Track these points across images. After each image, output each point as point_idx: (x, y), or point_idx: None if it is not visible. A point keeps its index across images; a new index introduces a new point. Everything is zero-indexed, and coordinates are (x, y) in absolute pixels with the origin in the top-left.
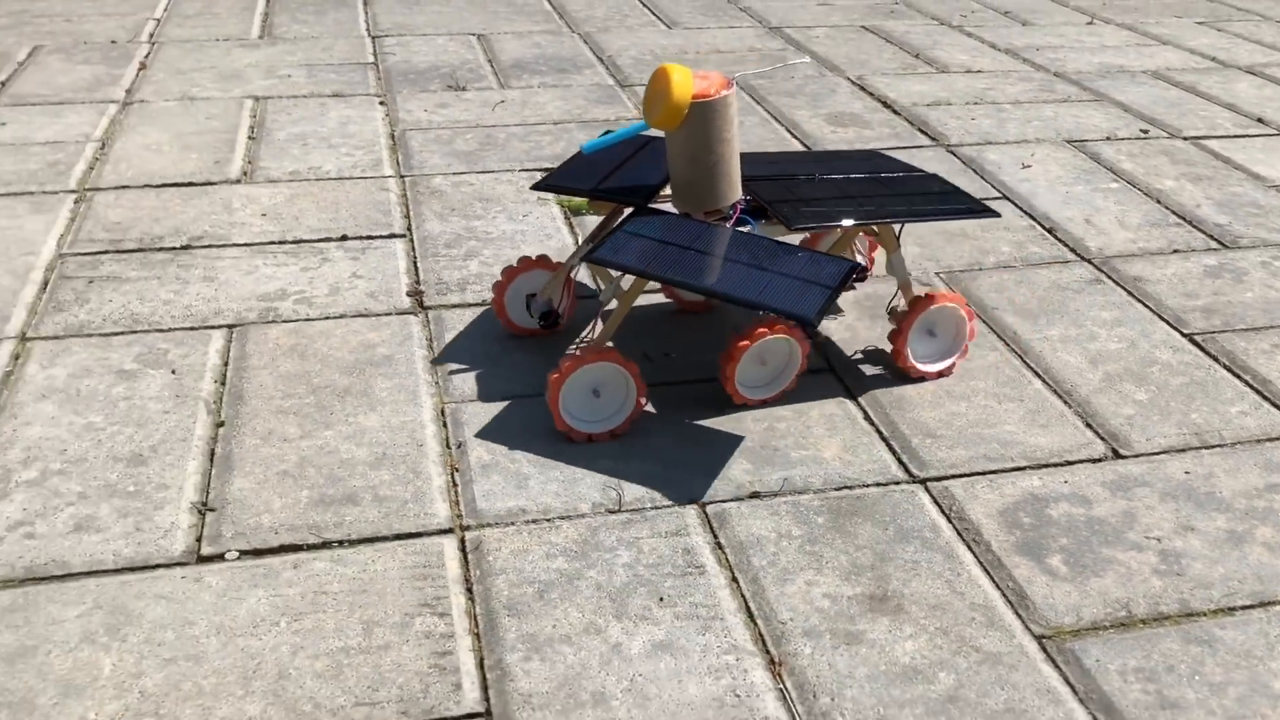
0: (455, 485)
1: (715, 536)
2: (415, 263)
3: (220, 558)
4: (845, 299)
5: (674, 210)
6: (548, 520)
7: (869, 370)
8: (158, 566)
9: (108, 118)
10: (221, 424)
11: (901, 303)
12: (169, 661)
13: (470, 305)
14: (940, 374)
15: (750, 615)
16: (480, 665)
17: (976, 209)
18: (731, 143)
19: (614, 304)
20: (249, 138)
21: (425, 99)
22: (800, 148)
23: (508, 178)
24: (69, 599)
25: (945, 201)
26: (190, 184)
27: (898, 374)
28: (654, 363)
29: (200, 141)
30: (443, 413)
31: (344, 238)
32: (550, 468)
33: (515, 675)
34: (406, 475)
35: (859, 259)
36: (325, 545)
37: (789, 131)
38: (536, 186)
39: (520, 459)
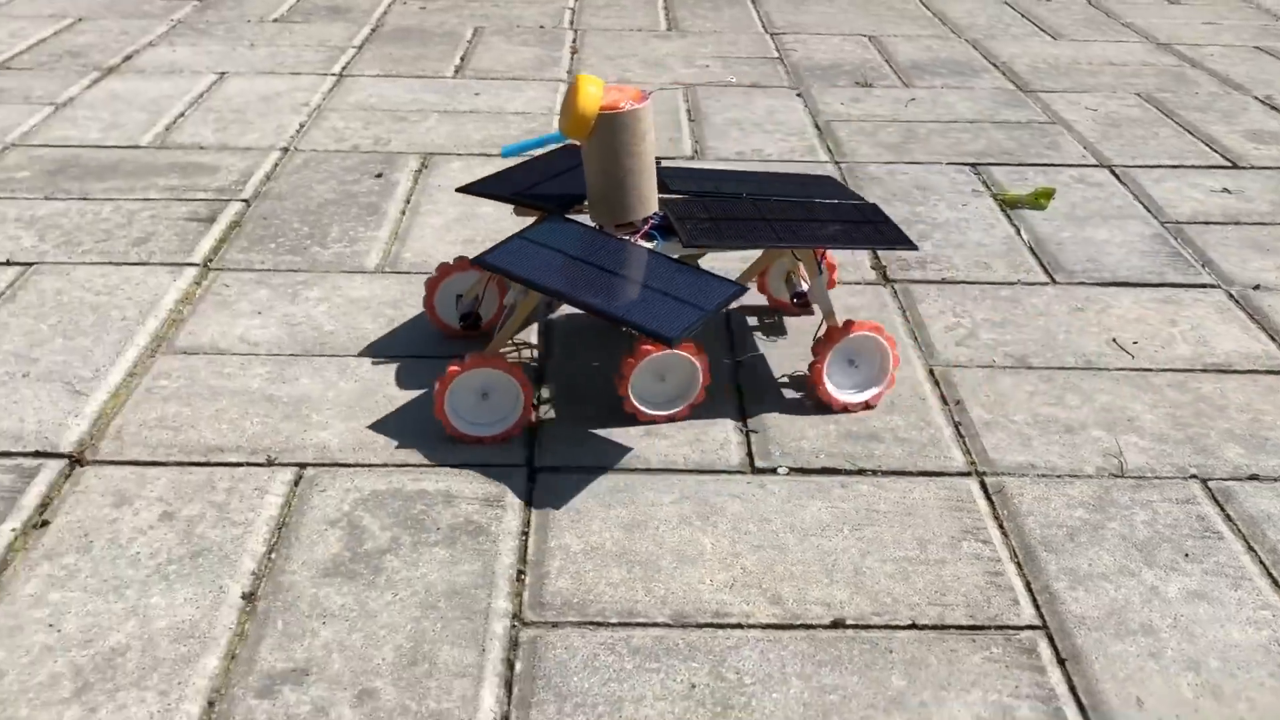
0: (962, 436)
1: (1223, 509)
2: None
3: (772, 471)
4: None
5: (589, 222)
6: (1057, 476)
7: None
8: (721, 472)
9: (559, 94)
10: (740, 361)
11: (821, 331)
12: (758, 548)
13: (930, 281)
14: (865, 405)
15: (1276, 582)
16: (1028, 588)
17: (895, 240)
18: (642, 157)
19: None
20: (689, 119)
21: (837, 93)
22: (1223, 162)
23: (937, 169)
24: (661, 487)
25: (864, 231)
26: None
27: None
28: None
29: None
30: (932, 373)
31: None
32: (1048, 431)
33: (1064, 600)
34: (918, 423)
35: (802, 285)
36: (861, 472)
37: (1207, 146)
38: (463, 189)
39: (1019, 421)
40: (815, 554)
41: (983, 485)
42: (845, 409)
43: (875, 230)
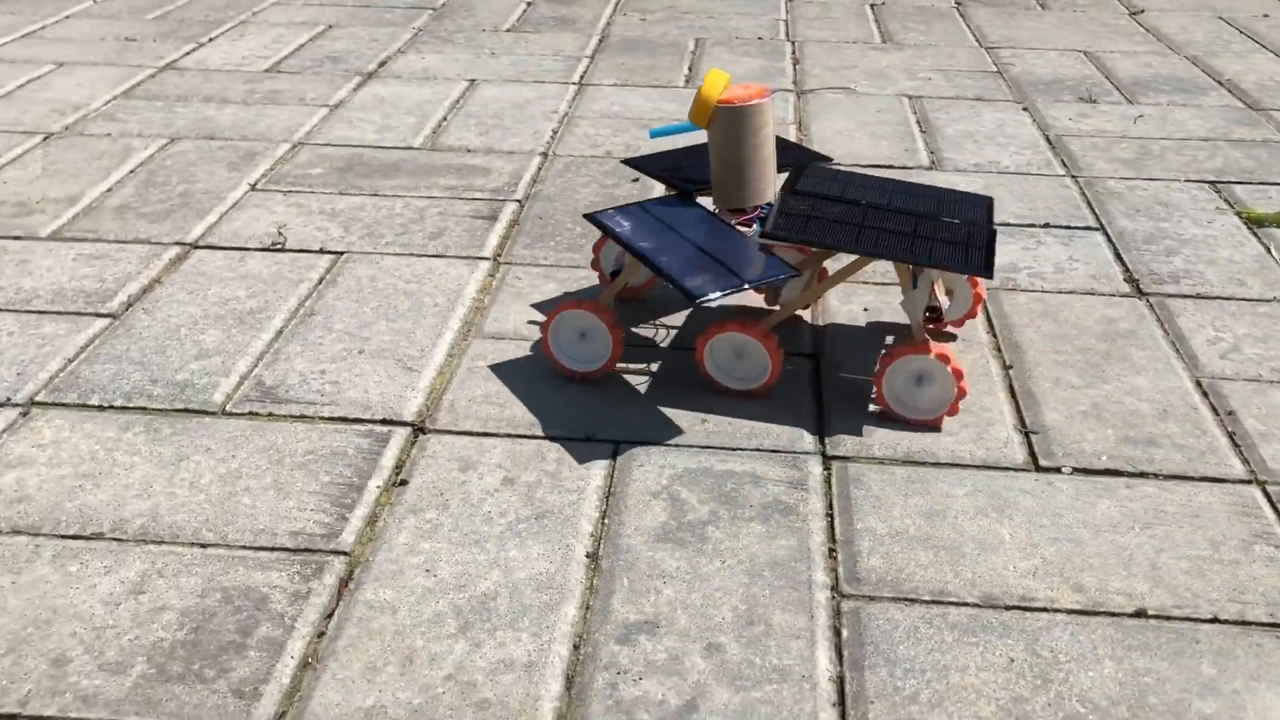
0: (1238, 446)
1: None
2: (1119, 253)
3: (1057, 470)
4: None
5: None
6: None
7: None
8: (1008, 469)
9: (791, 105)
10: (1010, 366)
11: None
12: (1055, 540)
13: (1186, 296)
14: (927, 422)
15: None
16: None
17: (974, 265)
18: (758, 149)
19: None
20: (920, 131)
21: (1064, 108)
22: None
23: (1177, 186)
24: (951, 480)
25: (948, 251)
26: (892, 166)
27: None
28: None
29: (882, 130)
30: (1200, 384)
31: (1047, 225)
32: None
33: None
34: (1193, 431)
35: (939, 300)
36: (1143, 475)
37: None
38: (627, 162)
39: None
40: (1111, 548)
41: (1266, 493)
42: (904, 421)
43: (962, 252)
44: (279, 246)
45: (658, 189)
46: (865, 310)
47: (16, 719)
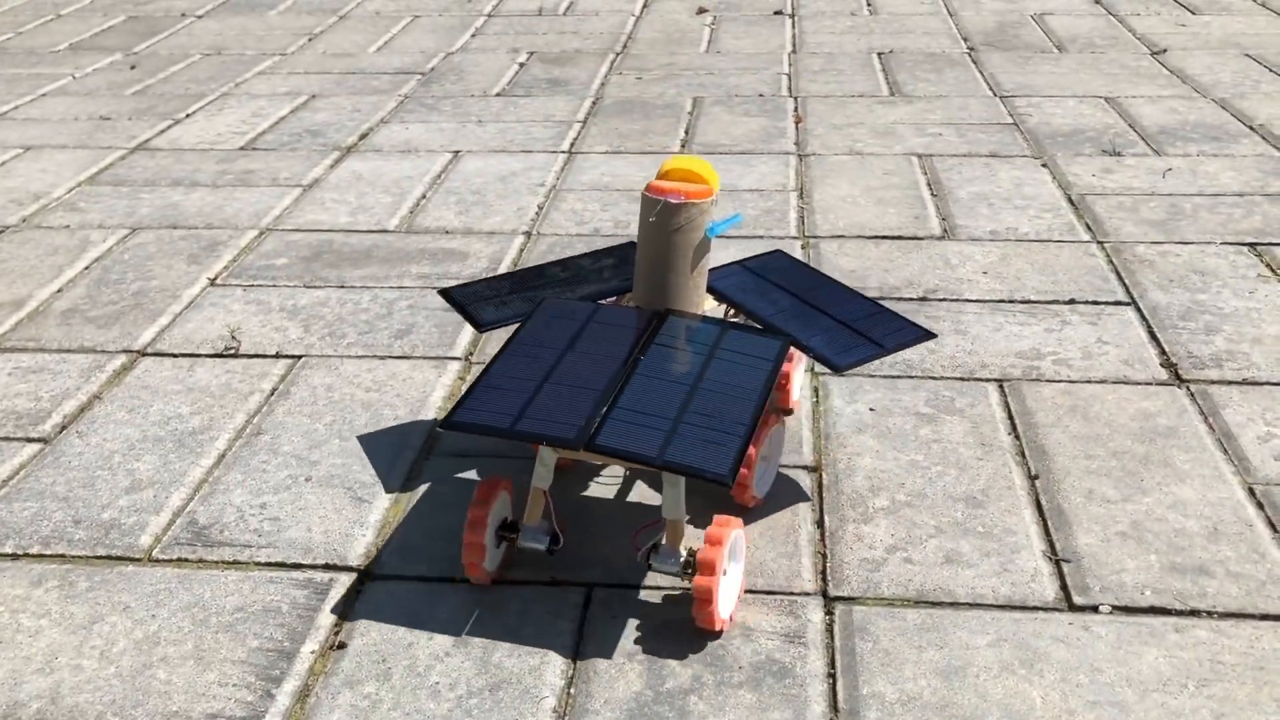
0: None
1: None
2: (1153, 332)
3: (1094, 609)
4: None
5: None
6: None
7: None
8: (1036, 609)
9: (792, 169)
10: (1036, 477)
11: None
12: (1094, 704)
13: (1231, 383)
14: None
15: None
16: None
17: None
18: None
19: None
20: (931, 194)
21: (1085, 163)
22: None
23: (1213, 250)
24: (974, 626)
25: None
26: (900, 237)
27: None
28: None
29: (889, 196)
30: (1253, 492)
31: (1072, 301)
32: None
33: None
34: (1250, 555)
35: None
36: (1195, 614)
37: None
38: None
39: None
40: (1160, 713)
41: None
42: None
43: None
44: (231, 352)
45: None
46: (871, 410)
47: None
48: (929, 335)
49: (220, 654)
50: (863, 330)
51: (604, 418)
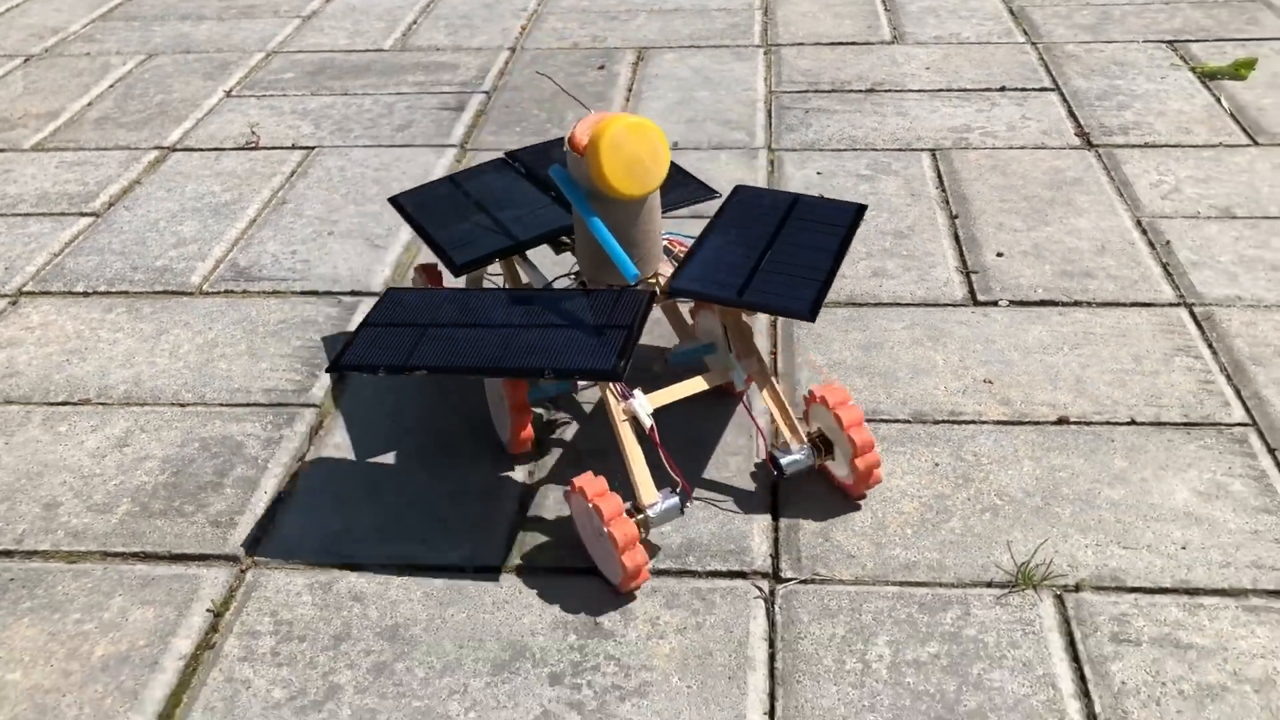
0: (1170, 274)
1: None
2: (1072, 110)
3: (994, 303)
4: None
5: None
6: (1264, 306)
7: None
8: (947, 305)
9: None
10: (956, 216)
11: None
12: (986, 362)
13: (1134, 146)
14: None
15: None
16: (1238, 394)
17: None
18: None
19: None
20: (885, 9)
21: None
22: None
23: (1135, 46)
24: (892, 317)
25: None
26: (854, 43)
27: None
28: None
29: (845, 11)
30: (1140, 223)
31: (1003, 88)
32: (1254, 269)
33: (1274, 404)
34: (1128, 263)
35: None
36: (1077, 304)
37: None
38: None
39: (1225, 261)
40: (1039, 367)
41: (1191, 314)
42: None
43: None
44: (253, 145)
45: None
46: (819, 173)
47: (13, 555)
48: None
49: (270, 351)
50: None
51: (678, 272)
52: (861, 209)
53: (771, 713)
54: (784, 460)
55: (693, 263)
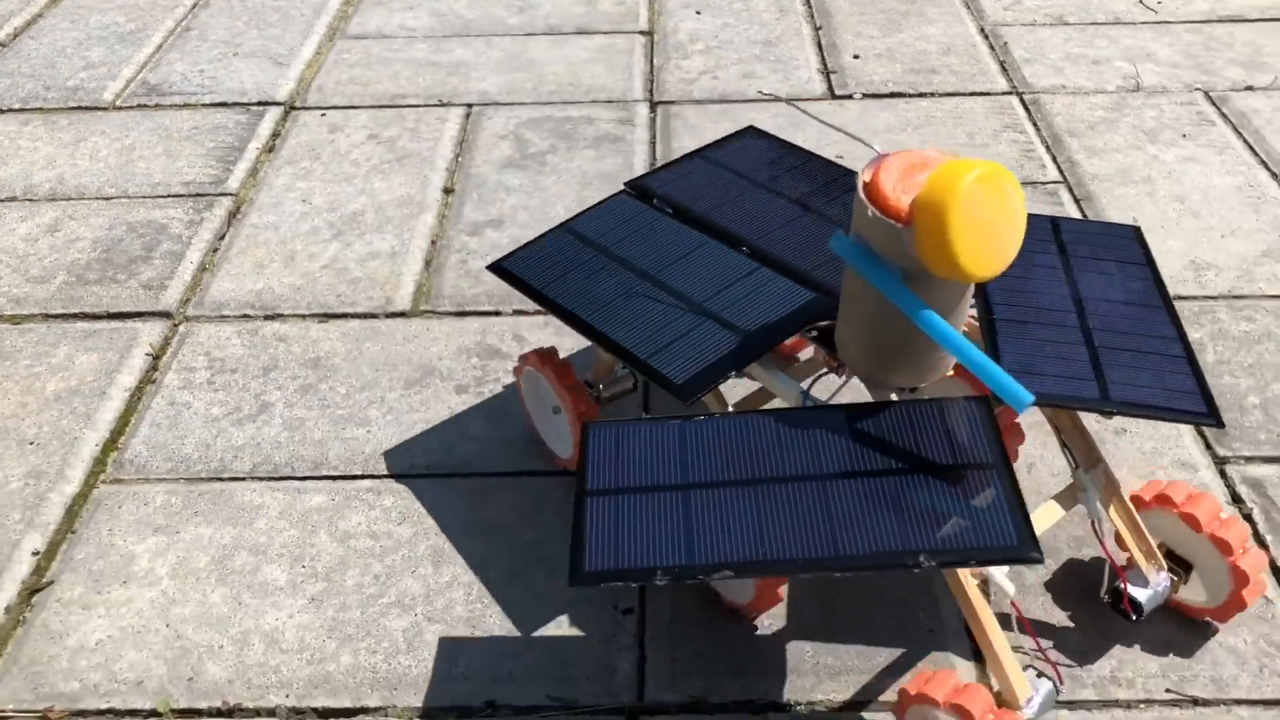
0: (1006, 70)
1: (1219, 108)
2: None
3: (849, 97)
4: None
5: None
6: (1084, 93)
7: None
8: (806, 99)
9: None
10: (819, 27)
11: None
12: (838, 142)
13: None
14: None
15: (1253, 150)
16: (1054, 160)
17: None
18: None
19: None
20: None
21: None
22: None
23: None
24: (755, 110)
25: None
26: None
27: None
28: None
29: None
30: (983, 30)
31: None
32: (1078, 63)
33: (1081, 164)
34: (970, 61)
35: None
36: (921, 95)
37: None
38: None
39: (1054, 58)
40: (886, 144)
41: (1021, 99)
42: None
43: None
44: None
45: None
46: None
47: None
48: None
49: (185, 152)
50: None
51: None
52: (1138, 231)
53: None
54: (1143, 596)
55: (1005, 352)
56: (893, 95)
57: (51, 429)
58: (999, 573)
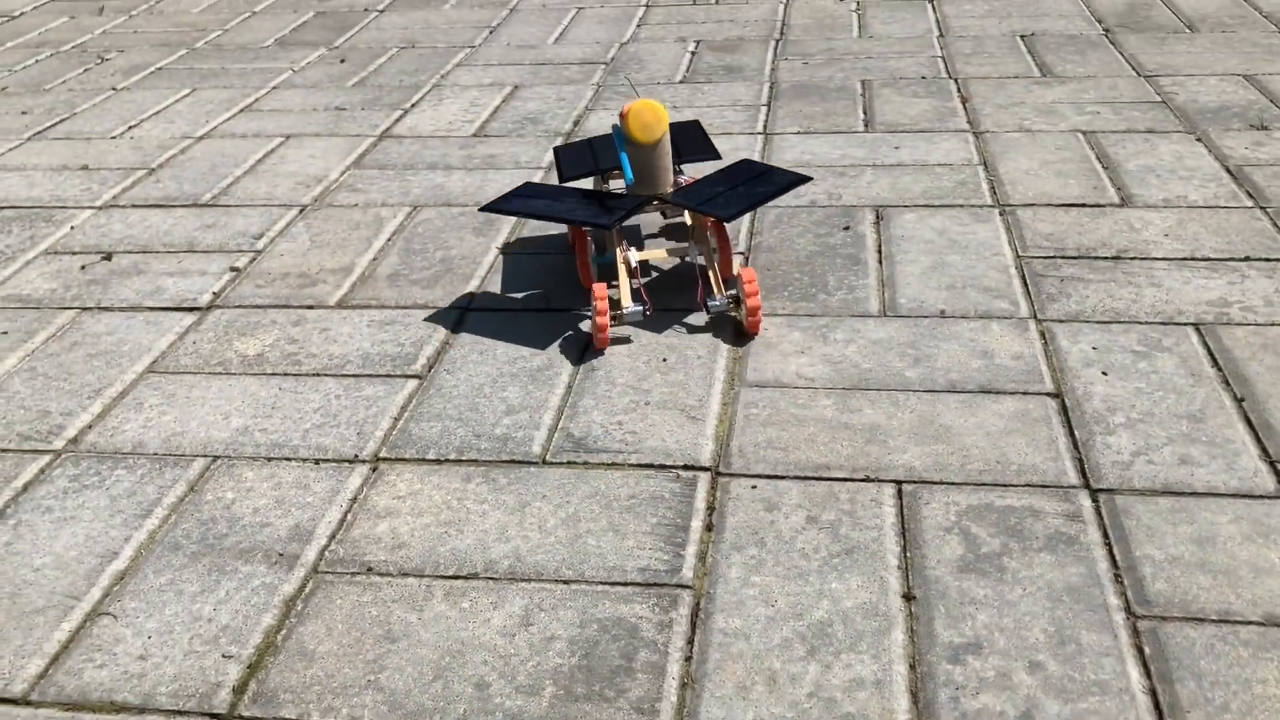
0: None
1: None
2: None
3: None
4: None
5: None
6: None
7: None
8: (1263, 497)
9: (972, 146)
10: (1242, 399)
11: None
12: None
13: None
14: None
15: None
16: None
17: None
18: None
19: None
20: (1102, 167)
21: (1237, 137)
22: None
23: None
24: (1213, 509)
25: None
26: (1084, 204)
27: None
28: None
29: (1067, 169)
30: None
31: (1247, 259)
32: None
33: None
34: None
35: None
36: None
37: None
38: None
39: None
40: None
41: None
42: None
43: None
44: (542, 308)
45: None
46: (1094, 349)
47: None
48: (803, 179)
49: (630, 528)
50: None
51: (677, 191)
52: (802, 179)
53: None
54: (711, 304)
55: (688, 189)
56: None
57: None
58: (633, 256)
